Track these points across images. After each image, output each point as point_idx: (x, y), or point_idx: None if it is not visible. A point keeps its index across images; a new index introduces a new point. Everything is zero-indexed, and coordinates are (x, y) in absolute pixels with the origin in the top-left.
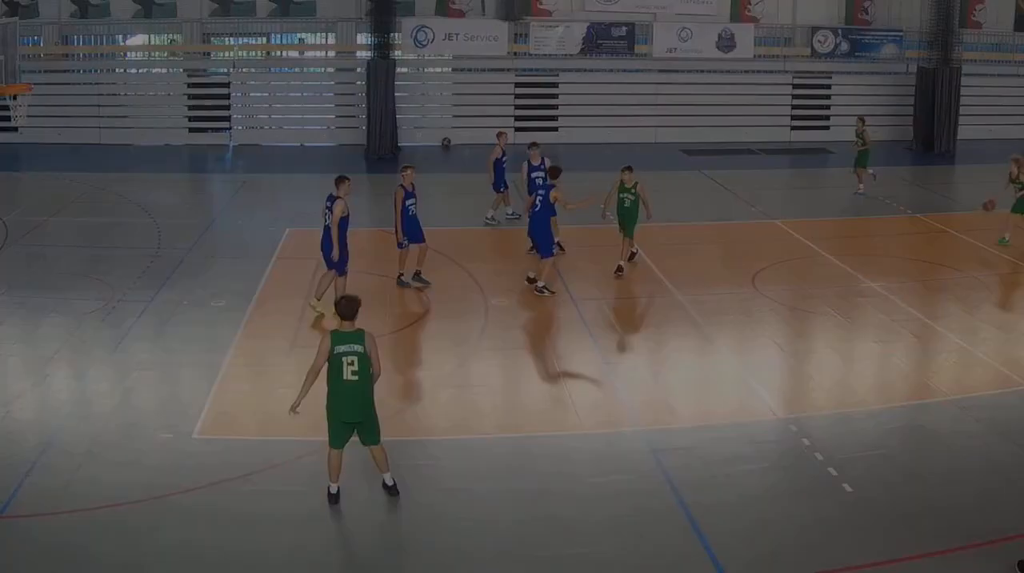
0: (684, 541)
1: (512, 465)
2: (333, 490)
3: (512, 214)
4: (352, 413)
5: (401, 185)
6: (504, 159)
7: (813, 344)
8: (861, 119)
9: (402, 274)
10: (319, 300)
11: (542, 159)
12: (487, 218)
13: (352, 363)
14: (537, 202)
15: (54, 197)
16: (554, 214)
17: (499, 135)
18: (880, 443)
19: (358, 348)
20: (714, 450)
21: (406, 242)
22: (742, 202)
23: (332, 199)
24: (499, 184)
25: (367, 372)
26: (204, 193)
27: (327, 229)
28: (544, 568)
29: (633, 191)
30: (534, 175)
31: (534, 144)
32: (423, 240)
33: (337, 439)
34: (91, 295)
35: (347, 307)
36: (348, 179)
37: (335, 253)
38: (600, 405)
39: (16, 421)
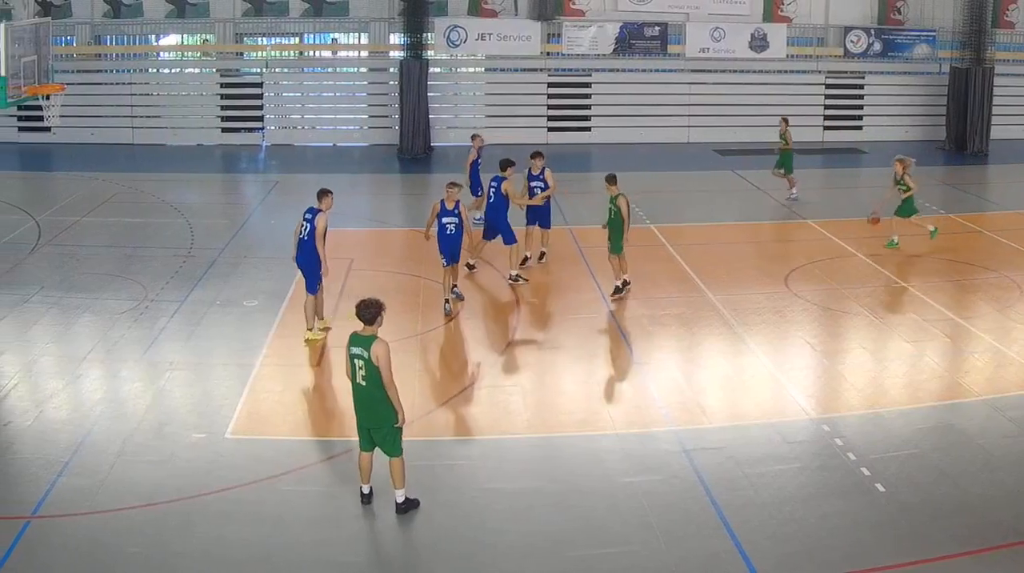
0: (716, 541)
1: (544, 465)
2: (365, 490)
3: (479, 219)
4: (361, 417)
5: (442, 200)
6: (479, 162)
7: (846, 344)
8: (784, 119)
9: (455, 286)
10: (320, 320)
11: (543, 169)
12: (475, 219)
13: (361, 368)
14: (491, 194)
15: (87, 197)
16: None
17: (474, 138)
18: (913, 443)
19: (364, 354)
20: (746, 450)
21: (444, 261)
22: (775, 202)
23: (313, 212)
24: (476, 188)
25: (375, 379)
26: (237, 193)
27: (304, 243)
28: (575, 567)
29: (615, 203)
30: (533, 185)
31: (538, 154)
32: (457, 261)
33: (360, 440)
34: (124, 295)
35: (364, 311)
36: (331, 193)
37: (324, 269)
38: (632, 405)
39: (49, 421)
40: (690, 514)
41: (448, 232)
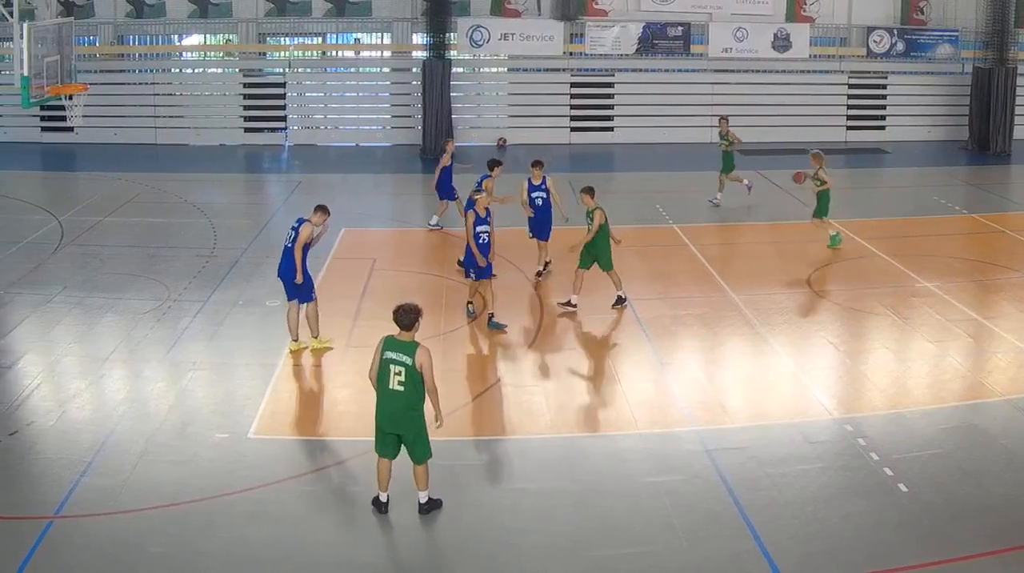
0: (738, 541)
1: (566, 465)
2: (383, 498)
3: (436, 224)
4: (392, 424)
5: (474, 209)
6: (452, 166)
7: (868, 344)
8: (724, 119)
9: (470, 303)
10: (316, 338)
11: (543, 179)
12: (431, 224)
13: (399, 373)
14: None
15: (109, 197)
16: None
17: (447, 143)
18: (936, 443)
19: (407, 360)
20: (769, 450)
21: (472, 274)
22: (798, 202)
23: (300, 222)
24: (449, 192)
25: (415, 385)
26: (260, 193)
27: (286, 251)
28: (597, 567)
29: (591, 217)
30: (535, 195)
31: (537, 163)
32: (490, 274)
33: (380, 447)
34: (146, 295)
35: (403, 316)
36: (326, 211)
37: (298, 277)
38: (655, 405)
39: (72, 421)
40: (712, 514)
41: (482, 242)
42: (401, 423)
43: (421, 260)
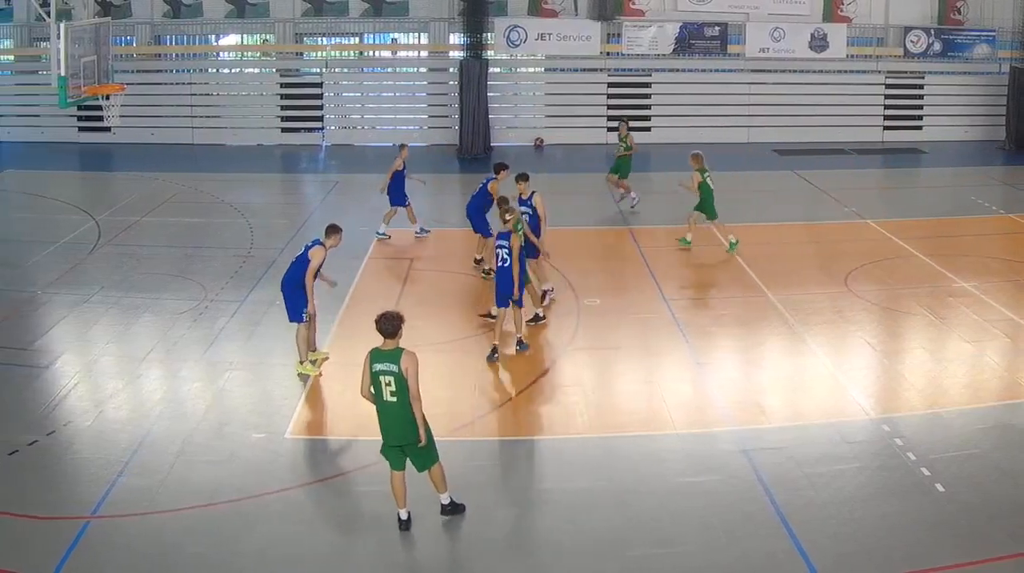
0: (775, 541)
1: (603, 464)
2: (403, 516)
3: (382, 233)
4: (394, 435)
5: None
6: (404, 171)
7: (905, 344)
8: (624, 122)
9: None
10: (310, 359)
11: (531, 194)
12: (417, 232)
13: (390, 383)
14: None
15: (147, 197)
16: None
17: (401, 147)
18: (973, 443)
19: (394, 368)
20: (806, 450)
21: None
22: (834, 202)
23: (314, 243)
24: (400, 198)
25: (405, 393)
26: (297, 193)
27: (291, 268)
28: (635, 567)
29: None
30: (521, 209)
31: (522, 177)
32: (506, 305)
33: (391, 460)
34: (183, 295)
35: (385, 324)
36: (340, 232)
37: (310, 306)
38: (692, 405)
39: (109, 421)
40: (749, 514)
41: (500, 262)
42: (402, 433)
43: (458, 260)
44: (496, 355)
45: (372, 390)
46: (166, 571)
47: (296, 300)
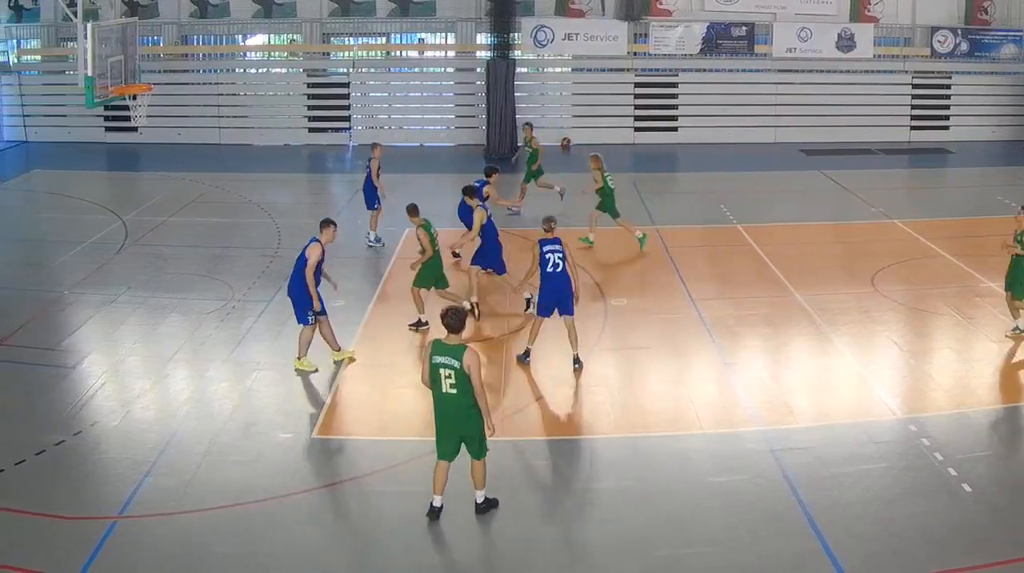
0: (802, 540)
1: (630, 464)
2: (436, 503)
3: (376, 241)
4: (452, 425)
5: (539, 239)
6: (379, 172)
7: (932, 344)
8: (529, 126)
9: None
10: (298, 359)
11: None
12: (369, 242)
13: (450, 377)
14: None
15: (173, 197)
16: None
17: (375, 147)
18: (1000, 443)
19: (456, 363)
20: (833, 450)
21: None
22: (861, 202)
23: (312, 241)
24: (373, 201)
25: (466, 387)
26: (324, 193)
27: (297, 274)
28: (662, 567)
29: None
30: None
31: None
32: (549, 314)
33: (441, 449)
34: (210, 295)
35: (452, 319)
36: (334, 225)
37: (316, 304)
38: (719, 405)
39: (136, 421)
40: (776, 514)
41: (551, 268)
42: (460, 423)
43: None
44: (528, 358)
45: (430, 380)
46: (193, 571)
47: (302, 302)
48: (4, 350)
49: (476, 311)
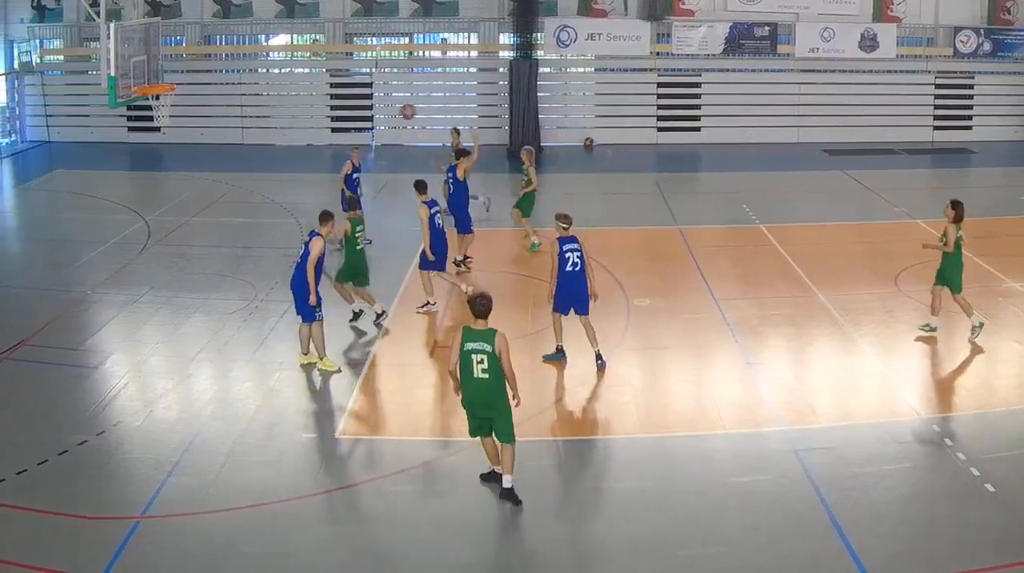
0: (825, 541)
1: (653, 464)
2: (498, 470)
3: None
4: (484, 408)
5: (558, 237)
6: (356, 176)
7: (955, 344)
8: (455, 131)
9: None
10: (321, 360)
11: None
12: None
13: (482, 361)
14: (450, 184)
15: (196, 197)
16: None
17: (353, 150)
18: (1023, 443)
19: (488, 347)
20: (856, 450)
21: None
22: (884, 202)
23: (312, 236)
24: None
25: (497, 371)
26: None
27: (297, 266)
28: (685, 567)
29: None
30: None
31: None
32: (566, 311)
33: (475, 430)
34: (233, 295)
35: (481, 305)
36: (333, 217)
37: (312, 298)
38: (742, 405)
39: (159, 421)
40: (799, 514)
41: (571, 267)
42: (492, 406)
43: (509, 260)
44: (563, 355)
45: (460, 365)
46: (216, 571)
47: (307, 298)
48: (27, 350)
49: (427, 306)
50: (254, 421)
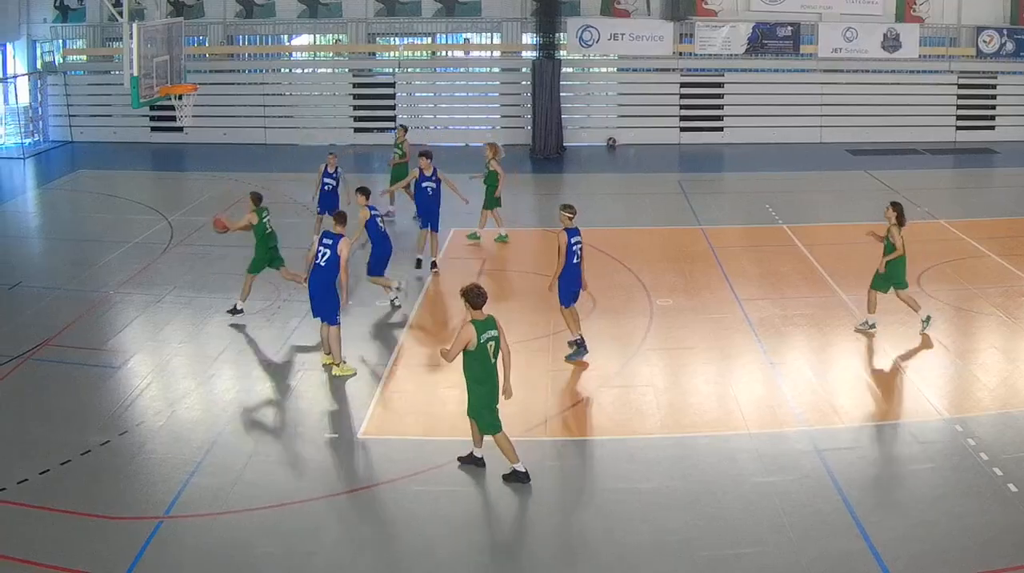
0: (848, 541)
1: (676, 464)
2: (520, 469)
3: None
4: (497, 395)
5: (565, 228)
6: (327, 180)
7: (978, 344)
8: (402, 128)
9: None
10: (338, 366)
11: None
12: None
13: (492, 348)
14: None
15: (219, 197)
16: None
17: (330, 155)
18: None
19: (495, 333)
20: (879, 450)
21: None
22: (907, 202)
23: (333, 238)
24: (331, 206)
25: (498, 355)
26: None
27: (319, 270)
28: (707, 567)
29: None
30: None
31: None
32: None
33: (499, 421)
34: (256, 295)
35: (480, 296)
36: (346, 217)
37: (343, 298)
38: (765, 405)
39: (181, 421)
40: (822, 514)
41: (576, 259)
42: (496, 394)
43: (531, 261)
44: (586, 349)
45: (476, 359)
46: (238, 571)
47: (330, 301)
48: (50, 350)
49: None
50: (276, 421)
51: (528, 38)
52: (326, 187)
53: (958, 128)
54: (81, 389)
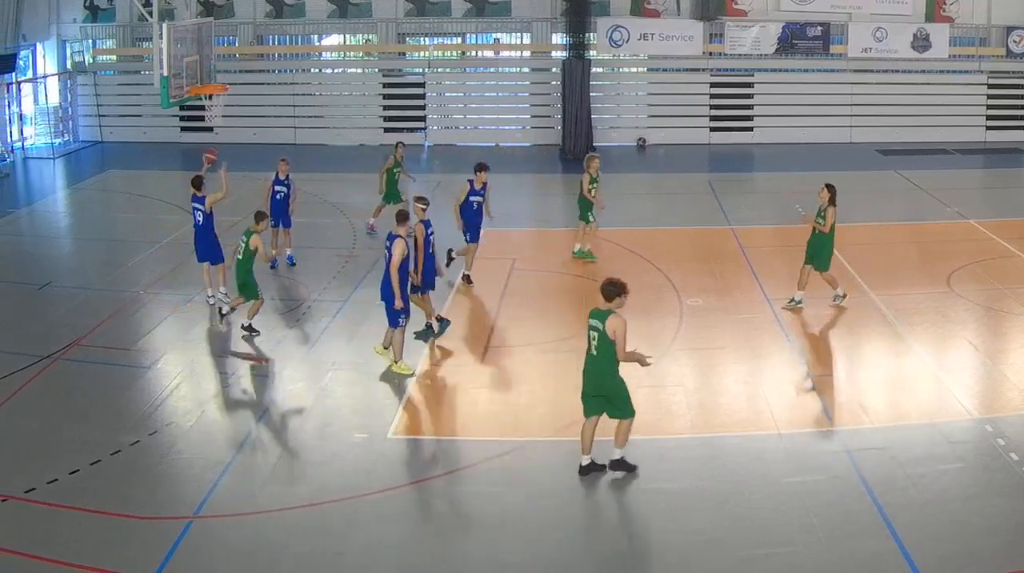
0: (878, 541)
1: (706, 465)
2: (584, 462)
3: (289, 260)
4: (588, 385)
5: (421, 220)
6: (278, 188)
7: (1009, 344)
8: (400, 145)
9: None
10: (395, 363)
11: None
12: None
13: (594, 338)
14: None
15: (248, 197)
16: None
17: (281, 161)
18: None
19: (599, 326)
20: (909, 450)
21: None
22: (937, 202)
23: (392, 238)
24: (284, 219)
25: (605, 350)
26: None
27: (386, 274)
28: (738, 567)
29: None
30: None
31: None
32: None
33: (585, 407)
34: (286, 295)
35: (608, 287)
36: (409, 217)
37: (397, 302)
38: (794, 405)
39: (211, 421)
40: (852, 514)
41: (431, 249)
42: (599, 384)
43: (561, 260)
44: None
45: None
46: (268, 572)
47: (393, 303)
48: (80, 350)
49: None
50: (306, 421)
51: (558, 38)
52: (277, 195)
53: (988, 128)
54: (111, 389)
